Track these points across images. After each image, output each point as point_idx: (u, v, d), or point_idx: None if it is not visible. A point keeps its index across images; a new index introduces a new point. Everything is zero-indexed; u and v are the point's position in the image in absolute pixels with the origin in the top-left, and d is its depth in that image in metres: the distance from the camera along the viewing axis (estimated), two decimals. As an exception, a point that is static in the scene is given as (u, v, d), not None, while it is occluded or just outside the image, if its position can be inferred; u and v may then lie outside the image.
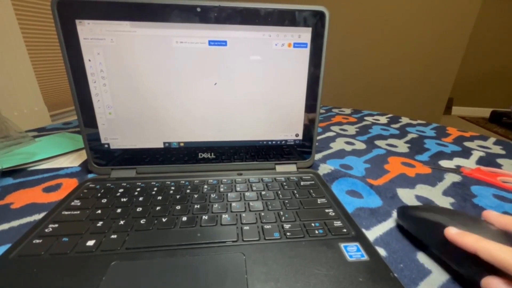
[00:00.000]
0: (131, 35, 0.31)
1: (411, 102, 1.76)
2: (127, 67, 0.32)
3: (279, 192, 0.32)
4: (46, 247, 0.23)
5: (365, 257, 0.22)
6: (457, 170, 0.42)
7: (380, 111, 0.85)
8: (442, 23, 1.55)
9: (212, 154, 0.38)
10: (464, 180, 0.39)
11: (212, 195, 0.31)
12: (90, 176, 0.37)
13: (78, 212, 0.28)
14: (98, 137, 0.35)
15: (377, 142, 0.54)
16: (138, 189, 0.32)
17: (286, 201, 0.30)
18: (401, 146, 0.53)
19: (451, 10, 1.53)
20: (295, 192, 0.32)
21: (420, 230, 0.25)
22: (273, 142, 0.38)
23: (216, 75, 0.34)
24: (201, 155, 0.38)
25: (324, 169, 0.41)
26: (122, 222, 0.26)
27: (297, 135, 0.39)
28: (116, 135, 0.35)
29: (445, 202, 0.33)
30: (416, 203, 0.33)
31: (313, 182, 0.35)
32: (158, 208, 0.28)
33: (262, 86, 0.35)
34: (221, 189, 0.32)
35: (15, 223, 0.27)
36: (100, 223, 0.26)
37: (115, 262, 0.21)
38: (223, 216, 0.27)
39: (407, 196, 0.34)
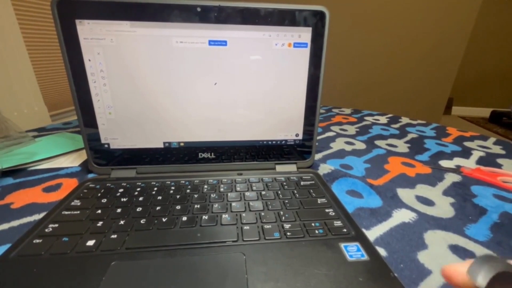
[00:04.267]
0: (131, 35, 0.31)
1: (411, 102, 1.76)
2: (127, 67, 0.32)
3: (279, 192, 0.32)
4: (46, 247, 0.23)
5: (365, 257, 0.22)
6: (457, 170, 0.42)
7: (380, 111, 0.85)
8: (442, 23, 1.55)
9: (212, 154, 0.38)
10: (464, 180, 0.39)
11: (212, 195, 0.31)
12: (90, 176, 0.37)
13: (78, 212, 0.28)
14: (98, 137, 0.35)
15: (377, 142, 0.54)
16: (138, 189, 0.32)
17: (286, 201, 0.30)
18: (401, 146, 0.53)
19: (451, 10, 1.53)
20: (295, 192, 0.32)
21: None
22: (273, 142, 0.38)
23: (216, 75, 0.34)
24: (201, 155, 0.38)
25: (324, 169, 0.41)
26: (122, 222, 0.26)
27: (297, 135, 0.39)
28: (116, 135, 0.35)
29: (445, 202, 0.33)
30: (416, 203, 0.33)
31: (313, 182, 0.35)
32: (158, 208, 0.28)
33: (262, 86, 0.35)
34: (221, 189, 0.32)
35: (15, 223, 0.27)
36: (100, 223, 0.26)
37: (115, 262, 0.21)
38: (223, 216, 0.27)
39: (407, 196, 0.34)
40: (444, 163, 0.46)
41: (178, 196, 0.31)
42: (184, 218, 0.27)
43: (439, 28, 1.56)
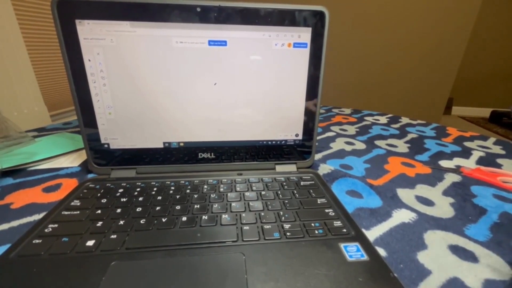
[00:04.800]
0: (131, 35, 0.31)
1: (411, 102, 1.76)
2: (127, 67, 0.32)
3: (279, 192, 0.32)
4: (46, 247, 0.23)
5: (365, 257, 0.22)
6: (457, 170, 0.42)
7: (380, 111, 0.85)
8: (442, 23, 1.55)
9: (212, 154, 0.38)
10: (464, 180, 0.39)
11: (212, 195, 0.31)
12: (90, 176, 0.37)
13: (78, 212, 0.28)
14: (98, 137, 0.35)
15: (377, 142, 0.54)
16: (138, 189, 0.32)
17: (286, 201, 0.30)
18: (401, 146, 0.53)
19: (451, 10, 1.53)
20: (295, 192, 0.32)
21: None
22: (273, 142, 0.38)
23: (216, 75, 0.34)
24: (201, 155, 0.38)
25: (324, 169, 0.41)
26: (122, 222, 0.26)
27: (297, 135, 0.39)
28: (116, 135, 0.35)
29: (445, 202, 0.33)
30: (416, 203, 0.33)
31: (313, 182, 0.35)
32: (158, 208, 0.28)
33: (262, 86, 0.35)
34: (221, 189, 0.32)
35: (15, 223, 0.27)
36: (100, 223, 0.26)
37: (115, 262, 0.21)
38: (223, 216, 0.27)
39: (407, 196, 0.34)
40: (444, 163, 0.46)
41: (178, 196, 0.31)
42: (184, 218, 0.27)
43: (439, 28, 1.57)
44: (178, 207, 0.29)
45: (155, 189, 0.32)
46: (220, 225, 0.26)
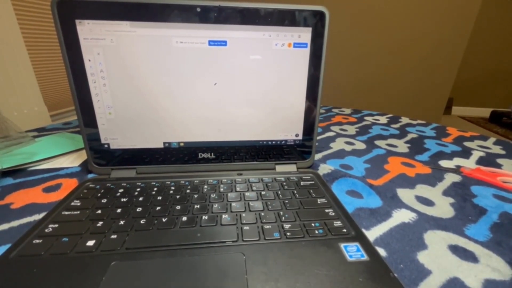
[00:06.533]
0: (131, 35, 0.31)
1: (411, 102, 1.76)
2: (127, 67, 0.32)
3: (279, 192, 0.32)
4: (46, 247, 0.23)
5: (365, 257, 0.22)
6: (457, 170, 0.42)
7: (380, 111, 0.85)
8: (442, 23, 1.55)
9: (212, 154, 0.38)
10: (464, 180, 0.39)
11: (212, 195, 0.31)
12: (90, 176, 0.37)
13: (78, 212, 0.28)
14: (98, 137, 0.35)
15: (377, 142, 0.54)
16: (138, 189, 0.32)
17: (286, 201, 0.30)
18: (401, 146, 0.53)
19: (451, 10, 1.53)
20: (295, 192, 0.32)
21: None
22: (273, 142, 0.38)
23: (216, 75, 0.34)
24: (201, 155, 0.38)
25: (324, 169, 0.41)
26: (122, 222, 0.26)
27: (297, 135, 0.39)
28: (116, 135, 0.35)
29: (445, 202, 0.33)
30: (416, 203, 0.33)
31: (313, 182, 0.35)
32: (158, 208, 0.28)
33: (262, 86, 0.35)
34: (221, 189, 0.32)
35: (15, 223, 0.27)
36: (100, 223, 0.26)
37: (115, 262, 0.21)
38: (223, 216, 0.27)
39: (407, 196, 0.34)
40: (444, 163, 0.46)
41: (178, 196, 0.31)
42: (184, 218, 0.27)
43: (439, 28, 1.57)
44: (178, 207, 0.29)
45: (155, 189, 0.32)
46: (220, 225, 0.26)
